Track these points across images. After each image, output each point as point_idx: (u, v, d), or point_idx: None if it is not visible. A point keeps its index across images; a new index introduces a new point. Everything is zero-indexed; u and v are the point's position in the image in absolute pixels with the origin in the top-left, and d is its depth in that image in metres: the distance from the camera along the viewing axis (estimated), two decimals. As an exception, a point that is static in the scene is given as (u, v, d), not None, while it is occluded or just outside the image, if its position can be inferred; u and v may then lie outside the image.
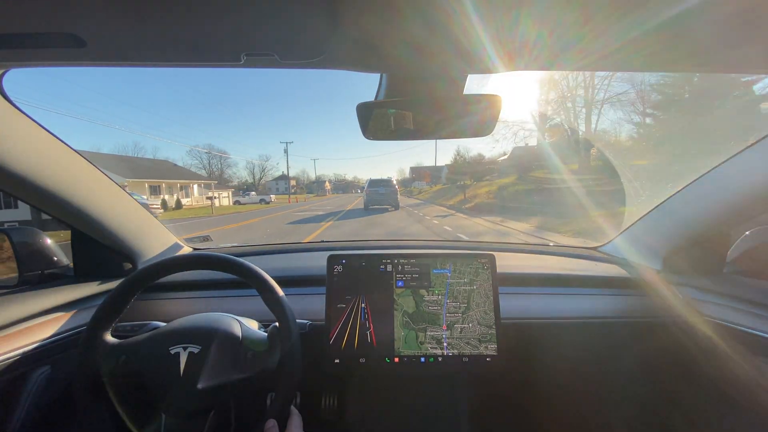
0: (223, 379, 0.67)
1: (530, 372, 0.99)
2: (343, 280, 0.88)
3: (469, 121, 0.73)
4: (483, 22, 0.45)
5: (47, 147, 0.76)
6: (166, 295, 1.04)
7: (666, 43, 0.50)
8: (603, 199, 7.50)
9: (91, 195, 0.88)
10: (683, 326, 0.91)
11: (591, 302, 1.03)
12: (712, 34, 0.49)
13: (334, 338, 0.84)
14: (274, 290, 0.73)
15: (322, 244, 1.41)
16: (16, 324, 0.76)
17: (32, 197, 0.80)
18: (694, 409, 0.94)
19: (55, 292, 0.87)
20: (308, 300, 0.98)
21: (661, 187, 1.06)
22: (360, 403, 0.98)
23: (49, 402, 0.78)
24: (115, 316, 0.74)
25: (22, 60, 0.57)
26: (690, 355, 0.91)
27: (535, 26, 0.46)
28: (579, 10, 0.43)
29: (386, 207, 14.97)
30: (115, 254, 1.04)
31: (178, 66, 0.60)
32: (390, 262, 0.88)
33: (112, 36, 0.49)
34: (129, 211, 1.01)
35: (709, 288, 0.93)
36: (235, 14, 0.45)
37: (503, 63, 0.56)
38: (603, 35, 0.48)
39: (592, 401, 1.03)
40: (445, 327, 0.84)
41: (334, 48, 0.53)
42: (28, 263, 0.91)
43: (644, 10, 0.43)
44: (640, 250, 1.10)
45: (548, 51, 0.53)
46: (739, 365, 0.79)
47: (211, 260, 0.75)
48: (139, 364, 0.69)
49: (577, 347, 0.99)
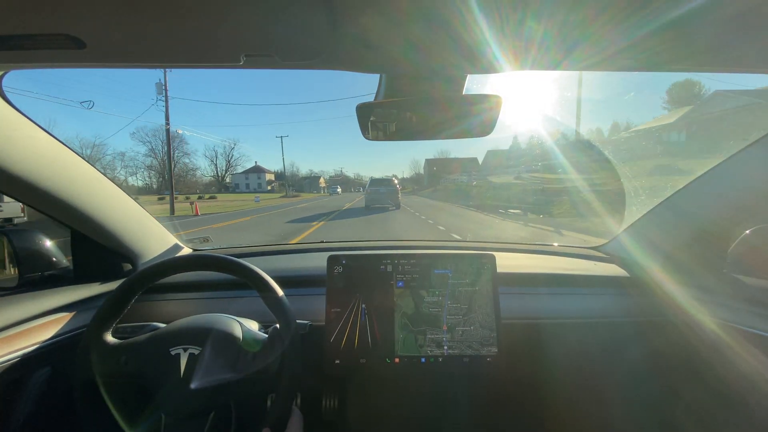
0: (220, 380, 0.67)
1: (531, 372, 0.99)
2: (344, 280, 0.87)
3: (469, 121, 0.73)
4: (488, 21, 0.44)
5: (46, 148, 0.76)
6: (166, 296, 1.04)
7: (671, 43, 0.50)
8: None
9: (91, 196, 0.88)
10: (684, 325, 0.91)
11: (592, 302, 1.03)
12: (718, 34, 0.48)
13: (334, 339, 0.84)
14: (274, 291, 0.73)
15: (322, 245, 1.41)
16: (17, 325, 0.75)
17: (32, 198, 0.80)
18: (696, 408, 0.94)
19: (55, 293, 0.87)
20: (308, 300, 0.98)
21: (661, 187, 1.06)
22: (360, 404, 0.98)
23: (49, 403, 0.78)
24: (115, 317, 0.74)
25: (22, 61, 0.57)
26: (691, 354, 0.90)
27: (542, 25, 0.46)
28: (585, 9, 0.43)
29: (387, 206, 14.98)
30: (115, 255, 1.04)
31: (177, 67, 0.60)
32: (390, 262, 0.88)
33: (112, 37, 0.49)
34: (128, 212, 1.01)
35: (709, 287, 0.93)
36: (235, 14, 0.44)
37: (508, 62, 0.56)
38: (609, 35, 0.48)
39: (594, 401, 1.03)
40: (445, 327, 0.84)
41: (334, 48, 0.52)
42: (28, 265, 0.91)
43: (649, 9, 0.43)
44: (641, 249, 1.10)
45: (554, 51, 0.52)
46: (741, 364, 0.79)
47: (211, 261, 0.75)
48: (139, 364, 0.69)
49: (579, 347, 0.98)
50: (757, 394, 0.77)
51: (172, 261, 0.75)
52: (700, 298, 0.92)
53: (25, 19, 0.45)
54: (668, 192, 0.99)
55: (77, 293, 0.91)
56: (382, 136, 0.76)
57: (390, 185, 15.09)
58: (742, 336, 0.80)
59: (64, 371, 0.81)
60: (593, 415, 1.04)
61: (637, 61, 0.56)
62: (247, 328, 0.76)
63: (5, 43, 0.50)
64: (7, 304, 0.76)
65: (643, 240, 1.10)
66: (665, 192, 1.00)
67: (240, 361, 0.70)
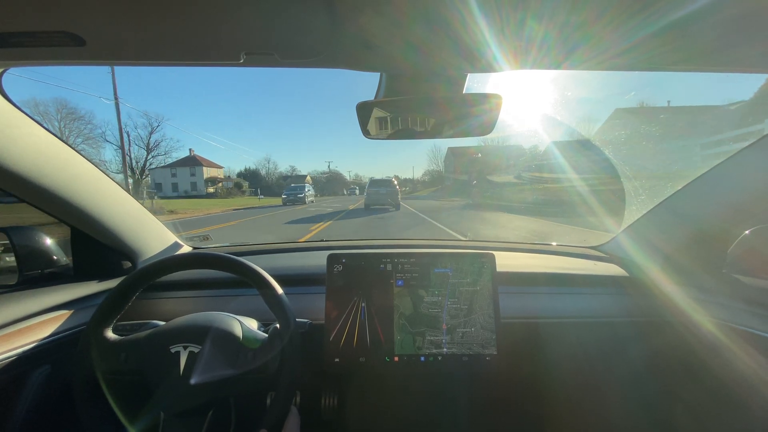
0: (218, 376, 0.67)
1: (530, 371, 0.99)
2: (343, 279, 0.87)
3: (469, 120, 0.73)
4: (488, 20, 0.45)
5: (47, 146, 0.76)
6: (165, 294, 1.04)
7: (672, 44, 0.50)
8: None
9: (91, 194, 0.88)
10: (684, 325, 0.92)
11: (591, 301, 1.03)
12: (718, 35, 0.49)
13: (334, 337, 0.84)
14: (274, 289, 0.73)
15: (322, 243, 1.41)
16: (16, 323, 0.76)
17: (32, 196, 0.80)
18: (695, 408, 0.94)
19: (55, 291, 0.87)
20: (308, 299, 0.98)
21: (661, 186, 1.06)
22: (360, 402, 0.98)
23: (49, 401, 0.78)
24: (116, 314, 0.74)
25: (22, 59, 0.57)
26: (691, 354, 0.91)
27: (542, 26, 0.46)
28: (586, 10, 0.43)
29: (386, 207, 15.00)
30: (115, 253, 1.04)
31: (177, 65, 0.60)
32: (390, 261, 0.88)
33: (112, 35, 0.49)
34: (128, 210, 1.01)
35: (709, 287, 0.93)
36: (235, 13, 0.44)
37: (508, 62, 0.56)
38: (610, 35, 0.48)
39: (593, 400, 1.03)
40: (445, 327, 0.84)
41: (334, 47, 0.52)
42: (28, 262, 0.91)
43: (650, 11, 0.43)
44: (640, 249, 1.10)
45: (555, 51, 0.53)
46: (740, 364, 0.79)
47: (211, 259, 0.75)
48: (139, 361, 0.70)
49: (578, 346, 0.99)
50: (755, 394, 0.77)
51: (172, 259, 0.76)
52: (699, 299, 0.92)
53: (25, 17, 0.45)
54: (668, 192, 0.99)
55: (77, 291, 0.91)
56: (381, 135, 0.76)
57: (390, 186, 15.17)
58: (741, 336, 0.80)
59: (63, 369, 0.81)
60: (592, 415, 1.04)
61: (638, 61, 0.56)
62: (247, 327, 0.76)
63: (5, 41, 0.49)
64: (7, 302, 0.76)
65: (643, 240, 1.10)
66: (664, 192, 1.00)
67: (240, 358, 0.70)
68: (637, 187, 1.88)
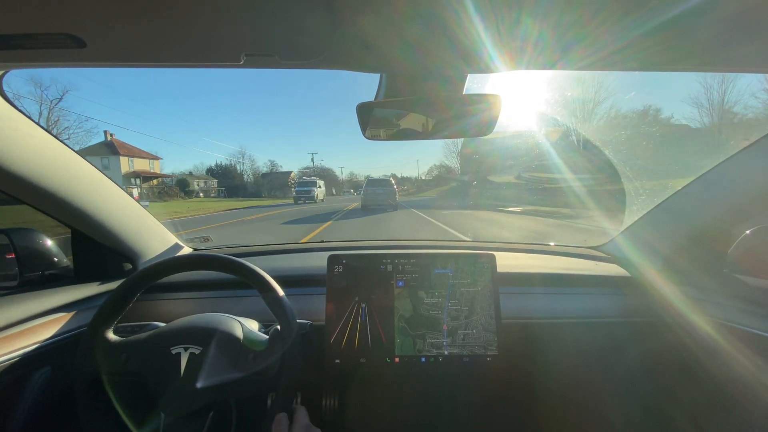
0: (223, 380, 0.67)
1: (531, 371, 0.99)
2: (344, 280, 0.87)
3: (469, 120, 0.73)
4: (484, 21, 0.45)
5: (47, 148, 0.76)
6: (166, 295, 1.04)
7: (668, 43, 0.50)
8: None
9: (91, 195, 0.88)
10: (684, 325, 0.91)
11: (592, 302, 1.03)
12: (714, 34, 0.48)
13: (335, 338, 0.84)
14: (274, 290, 0.73)
15: (323, 244, 1.41)
16: (17, 325, 0.76)
17: (32, 198, 0.80)
18: (694, 408, 0.94)
19: (56, 292, 0.87)
20: (309, 300, 0.98)
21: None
22: (361, 403, 0.98)
23: (49, 403, 0.78)
24: (116, 316, 0.74)
25: (22, 61, 0.57)
26: (691, 355, 0.91)
27: (537, 25, 0.46)
28: (581, 9, 0.43)
29: (384, 207, 14.99)
30: (115, 255, 1.04)
31: (178, 66, 0.60)
32: (390, 261, 0.88)
33: (113, 37, 0.49)
34: (128, 212, 1.01)
35: (709, 287, 0.93)
36: (235, 14, 0.45)
37: (504, 62, 0.56)
38: (606, 35, 0.48)
39: (593, 401, 1.03)
40: (446, 327, 0.84)
41: (334, 48, 0.53)
42: (29, 264, 0.91)
43: (646, 9, 0.43)
44: (641, 249, 1.10)
45: (550, 51, 0.53)
46: (740, 364, 0.79)
47: (211, 261, 0.75)
48: (140, 363, 0.70)
49: (578, 347, 0.98)
50: (754, 394, 0.77)
51: (172, 260, 0.76)
52: (699, 299, 0.92)
53: (26, 19, 0.45)
54: (668, 192, 0.99)
55: (78, 293, 0.91)
56: (382, 135, 0.76)
57: (388, 186, 15.13)
58: (740, 336, 0.80)
59: (64, 370, 0.81)
60: (591, 415, 1.04)
61: (634, 61, 0.56)
62: (248, 328, 0.76)
63: (6, 43, 0.50)
64: (8, 304, 0.76)
65: (643, 241, 1.10)
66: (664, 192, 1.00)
67: (241, 360, 0.70)
68: (637, 187, 1.88)
